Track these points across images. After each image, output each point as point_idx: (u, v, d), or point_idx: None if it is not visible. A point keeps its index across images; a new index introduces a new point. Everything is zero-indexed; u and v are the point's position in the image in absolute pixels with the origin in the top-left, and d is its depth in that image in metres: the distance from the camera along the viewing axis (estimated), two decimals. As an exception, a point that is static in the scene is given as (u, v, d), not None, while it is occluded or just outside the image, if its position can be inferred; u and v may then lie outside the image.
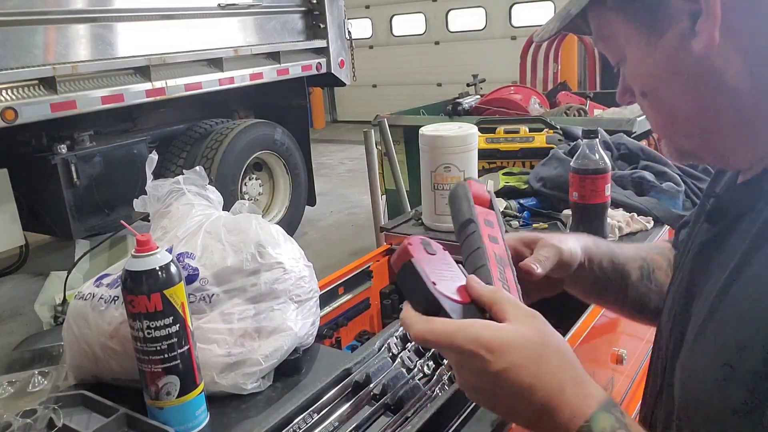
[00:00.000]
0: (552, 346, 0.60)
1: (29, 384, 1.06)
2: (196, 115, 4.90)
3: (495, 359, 0.57)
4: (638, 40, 0.61)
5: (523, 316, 0.61)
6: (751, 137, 0.60)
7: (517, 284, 0.75)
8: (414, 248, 0.67)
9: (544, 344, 0.60)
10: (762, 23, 0.55)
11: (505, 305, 0.62)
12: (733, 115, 0.59)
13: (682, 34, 0.57)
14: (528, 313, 0.62)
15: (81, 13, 3.75)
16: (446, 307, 0.63)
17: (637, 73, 0.64)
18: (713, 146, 0.63)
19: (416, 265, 0.64)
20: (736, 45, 0.56)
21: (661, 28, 0.59)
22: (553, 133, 2.17)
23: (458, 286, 0.67)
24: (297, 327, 1.04)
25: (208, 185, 1.18)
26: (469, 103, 3.76)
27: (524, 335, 0.59)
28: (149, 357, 0.88)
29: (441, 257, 0.69)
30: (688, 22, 0.57)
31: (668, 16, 0.58)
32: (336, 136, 10.14)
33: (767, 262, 0.53)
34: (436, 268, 0.67)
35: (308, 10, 5.14)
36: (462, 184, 0.84)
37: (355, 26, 6.15)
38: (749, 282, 0.54)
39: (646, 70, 0.62)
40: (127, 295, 0.87)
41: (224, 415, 0.97)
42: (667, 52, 0.59)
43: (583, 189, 1.48)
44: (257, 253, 1.04)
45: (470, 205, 0.80)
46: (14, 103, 3.31)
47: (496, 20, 9.27)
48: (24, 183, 3.86)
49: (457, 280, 0.68)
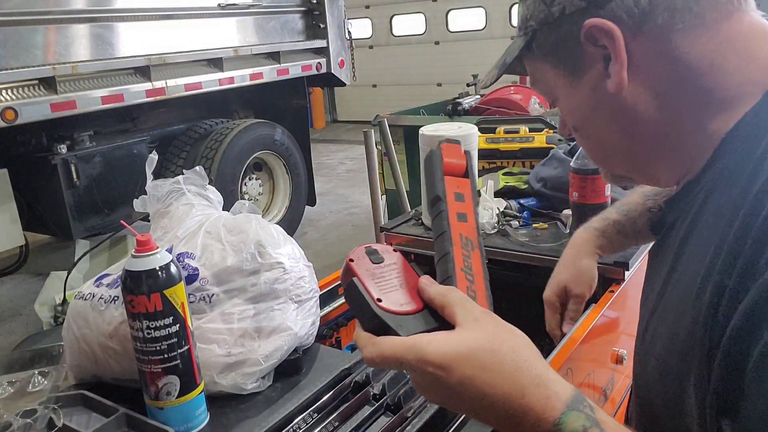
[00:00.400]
0: (504, 349, 0.57)
1: (29, 384, 1.06)
2: (196, 115, 4.90)
3: (447, 374, 0.56)
4: (564, 83, 0.68)
5: (473, 320, 0.59)
6: (671, 159, 0.66)
7: (485, 268, 0.72)
8: (356, 263, 0.64)
9: (495, 350, 0.57)
10: (666, 63, 0.61)
11: (455, 308, 0.60)
12: (651, 142, 0.66)
13: (598, 76, 0.64)
14: (477, 315, 0.59)
15: (81, 13, 3.75)
16: (392, 324, 0.60)
17: (567, 111, 0.72)
18: (642, 169, 0.71)
19: (358, 284, 0.62)
20: (644, 83, 0.63)
21: (580, 72, 0.66)
22: (553, 133, 2.18)
23: (410, 293, 0.64)
24: (297, 327, 1.04)
25: (208, 185, 1.18)
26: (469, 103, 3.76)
27: (473, 343, 0.57)
28: (149, 357, 0.88)
29: (389, 263, 0.66)
30: (602, 65, 0.63)
31: (584, 61, 0.65)
32: (336, 136, 10.14)
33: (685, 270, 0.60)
34: (383, 279, 0.64)
35: (308, 10, 5.14)
36: (432, 152, 0.77)
37: (355, 26, 6.14)
38: (675, 286, 0.62)
39: (574, 108, 0.70)
40: (127, 295, 0.87)
41: (224, 415, 0.97)
42: (587, 93, 0.66)
43: (584, 189, 1.48)
44: (257, 253, 1.04)
45: (439, 178, 0.75)
46: (14, 103, 3.31)
47: (496, 20, 9.28)
48: (24, 183, 3.86)
49: (407, 287, 0.64)
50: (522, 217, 1.72)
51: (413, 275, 0.66)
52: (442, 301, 0.61)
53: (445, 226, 0.71)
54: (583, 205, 1.49)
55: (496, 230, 1.66)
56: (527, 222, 1.71)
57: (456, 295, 0.62)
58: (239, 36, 4.69)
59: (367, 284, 0.62)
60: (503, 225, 1.66)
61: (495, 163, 2.14)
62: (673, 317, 0.59)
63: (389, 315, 0.61)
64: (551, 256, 1.48)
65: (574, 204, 1.52)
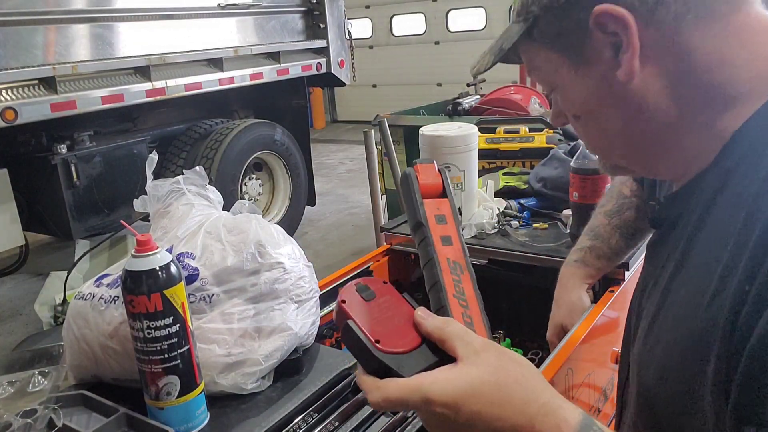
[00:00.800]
0: (510, 381, 0.57)
1: (29, 384, 1.06)
2: (196, 115, 4.90)
3: (455, 413, 0.55)
4: (567, 70, 0.66)
5: (474, 354, 0.58)
6: (675, 153, 0.65)
7: (476, 290, 0.70)
8: (349, 304, 0.62)
9: (501, 383, 0.56)
10: (677, 54, 0.60)
11: (454, 341, 0.59)
12: (657, 134, 0.64)
13: (606, 64, 0.62)
14: (477, 347, 0.58)
15: (81, 13, 3.75)
16: (393, 366, 0.59)
17: (568, 100, 0.69)
18: (642, 161, 0.70)
19: (354, 327, 0.60)
20: (655, 71, 0.61)
21: (586, 60, 0.64)
22: (553, 133, 2.18)
23: (406, 328, 0.63)
24: (297, 327, 1.04)
25: (208, 185, 1.18)
26: (469, 103, 3.76)
27: (477, 379, 0.56)
28: (149, 357, 0.88)
29: (381, 299, 0.65)
30: (611, 53, 0.62)
31: (593, 48, 0.63)
32: (336, 136, 10.14)
33: (694, 269, 0.59)
34: (378, 318, 0.62)
35: (308, 10, 5.14)
36: (406, 174, 0.75)
37: (355, 26, 6.14)
38: (683, 285, 0.60)
39: (577, 97, 0.68)
40: (127, 295, 0.87)
41: (224, 415, 0.97)
42: (593, 81, 0.65)
43: (584, 189, 1.48)
44: (257, 253, 1.04)
45: (418, 202, 0.73)
46: (14, 103, 3.31)
47: (496, 20, 9.27)
48: (24, 183, 3.86)
49: (403, 322, 0.63)
50: (522, 217, 1.72)
51: (407, 308, 0.65)
52: (440, 335, 0.60)
53: (431, 252, 0.70)
54: (583, 205, 1.49)
55: (496, 230, 1.66)
56: (527, 222, 1.71)
57: (454, 328, 0.60)
58: (239, 36, 4.69)
59: (362, 326, 0.61)
60: (503, 225, 1.66)
61: (495, 163, 2.14)
62: (683, 317, 0.58)
63: (389, 356, 0.60)
64: (551, 256, 1.48)
65: (574, 204, 1.52)
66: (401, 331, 0.62)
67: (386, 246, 1.73)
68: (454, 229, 0.73)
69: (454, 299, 0.67)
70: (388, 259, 1.69)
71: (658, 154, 0.67)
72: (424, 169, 0.76)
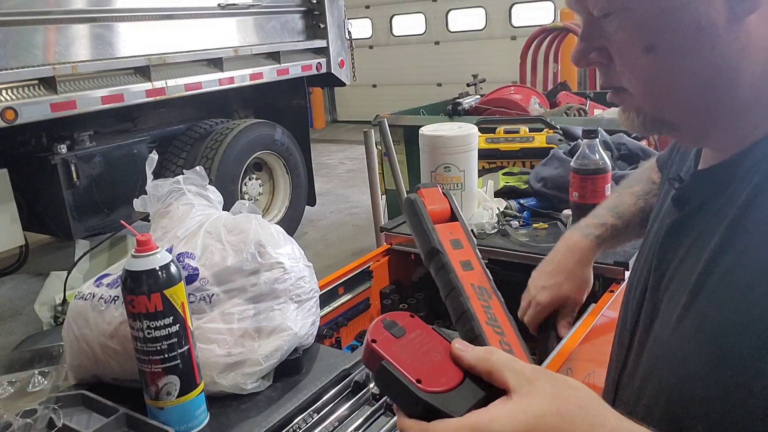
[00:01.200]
0: (571, 408, 0.52)
1: (29, 384, 1.06)
2: (196, 115, 4.90)
3: None
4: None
5: (527, 383, 0.53)
6: (738, 120, 0.60)
7: (508, 314, 0.66)
8: (380, 344, 0.57)
9: (562, 412, 0.52)
10: None
11: (504, 372, 0.54)
12: (734, 92, 0.58)
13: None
14: (529, 376, 0.53)
15: (81, 13, 3.74)
16: (441, 407, 0.54)
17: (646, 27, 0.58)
18: (697, 122, 0.62)
19: (391, 369, 0.55)
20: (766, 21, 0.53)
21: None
22: (553, 133, 2.18)
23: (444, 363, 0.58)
24: (297, 327, 1.04)
25: (208, 185, 1.18)
26: (469, 103, 3.76)
27: (537, 410, 0.52)
28: (149, 357, 0.88)
29: (411, 334, 0.59)
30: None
31: None
32: (336, 136, 10.13)
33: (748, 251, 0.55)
34: (413, 355, 0.57)
35: (308, 10, 5.14)
36: (412, 201, 0.70)
37: (355, 26, 6.14)
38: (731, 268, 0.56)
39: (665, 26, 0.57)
40: (127, 295, 0.87)
41: (224, 415, 0.97)
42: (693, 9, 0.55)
43: (584, 189, 1.48)
44: (257, 253, 1.04)
45: (430, 229, 0.68)
46: (14, 103, 3.31)
47: (496, 20, 9.27)
48: (24, 183, 3.86)
49: (440, 357, 0.58)
50: (522, 217, 1.72)
51: (441, 341, 0.60)
52: (485, 366, 0.55)
53: (455, 280, 0.65)
54: (583, 205, 1.49)
55: (496, 230, 1.66)
56: (527, 222, 1.71)
57: (499, 357, 0.55)
58: (239, 36, 4.69)
59: (400, 366, 0.55)
60: (503, 225, 1.66)
61: (495, 163, 2.14)
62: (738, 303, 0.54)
63: (435, 396, 0.54)
64: (551, 256, 1.48)
65: (574, 204, 1.52)
66: (441, 367, 0.57)
67: (386, 246, 1.73)
68: (471, 252, 0.69)
69: (488, 327, 0.63)
70: (388, 259, 1.69)
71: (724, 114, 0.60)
72: (429, 194, 0.72)
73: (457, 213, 0.72)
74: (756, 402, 0.51)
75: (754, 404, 0.52)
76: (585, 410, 0.52)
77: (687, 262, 0.62)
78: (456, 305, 0.64)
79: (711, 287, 0.58)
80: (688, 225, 0.64)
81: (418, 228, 0.69)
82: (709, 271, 0.58)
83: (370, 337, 0.57)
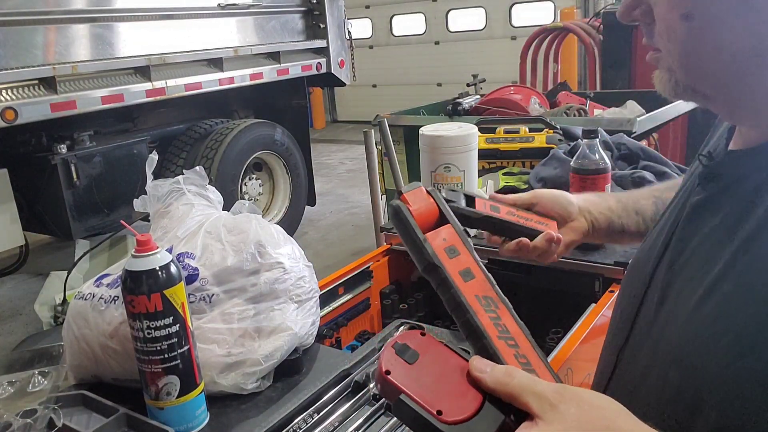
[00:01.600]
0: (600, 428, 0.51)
1: (29, 384, 1.06)
2: (196, 115, 4.90)
3: None
4: None
5: (550, 409, 0.51)
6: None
7: (519, 322, 0.63)
8: (395, 374, 0.54)
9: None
10: None
11: (526, 398, 0.52)
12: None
13: None
14: (552, 400, 0.51)
15: (81, 13, 3.74)
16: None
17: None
18: (730, 98, 0.61)
19: (409, 403, 0.52)
20: None
21: None
22: (553, 133, 2.18)
23: (462, 386, 0.55)
24: (297, 327, 1.04)
25: (208, 185, 1.18)
26: (469, 103, 3.75)
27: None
28: (149, 357, 0.88)
29: (425, 357, 0.57)
30: None
31: None
32: (336, 136, 10.13)
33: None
34: (430, 382, 0.55)
35: (308, 10, 5.14)
36: (396, 209, 0.65)
37: (355, 26, 6.14)
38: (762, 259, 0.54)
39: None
40: (127, 295, 0.87)
41: (224, 415, 0.97)
42: None
43: (584, 189, 1.47)
44: (257, 253, 1.04)
45: (421, 240, 0.64)
46: (14, 103, 3.31)
47: (496, 20, 9.27)
48: (24, 183, 3.86)
49: (456, 379, 0.56)
50: (522, 217, 1.72)
51: (456, 360, 0.57)
52: (506, 391, 0.53)
53: (457, 296, 0.62)
54: (583, 205, 1.49)
55: (496, 230, 1.66)
56: (527, 222, 1.71)
57: (520, 380, 0.53)
58: (239, 36, 4.69)
59: (418, 397, 0.53)
60: (503, 225, 1.66)
61: (495, 163, 2.14)
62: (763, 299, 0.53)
63: (457, 427, 0.52)
64: (551, 256, 1.48)
65: (574, 204, 1.52)
66: (459, 392, 0.54)
67: (386, 246, 1.73)
68: (469, 257, 0.65)
69: (501, 341, 0.60)
70: (388, 259, 1.69)
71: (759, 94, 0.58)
72: (414, 197, 0.67)
73: (446, 213, 0.68)
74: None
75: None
76: (613, 430, 0.51)
77: (710, 242, 0.60)
78: (463, 322, 0.62)
79: (736, 276, 0.56)
80: (716, 203, 0.62)
81: (409, 241, 0.65)
82: (735, 260, 0.56)
83: (384, 368, 0.55)
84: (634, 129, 2.72)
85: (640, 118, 2.79)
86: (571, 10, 7.55)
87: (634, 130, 2.71)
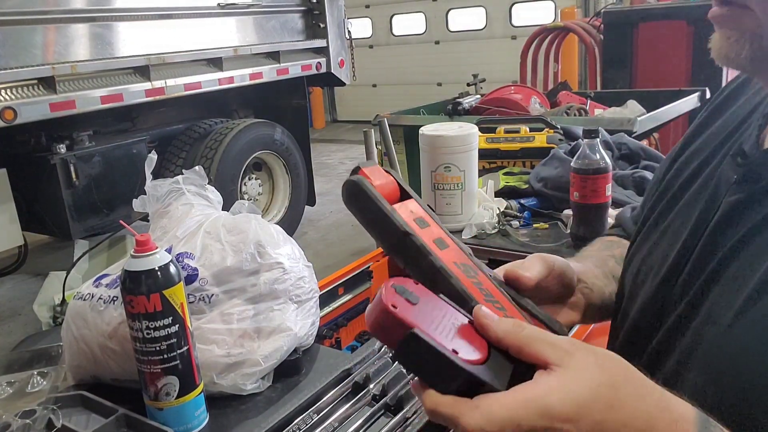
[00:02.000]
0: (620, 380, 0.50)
1: (28, 384, 1.05)
2: (196, 115, 4.89)
3: (576, 426, 0.47)
4: None
5: (567, 356, 0.49)
6: None
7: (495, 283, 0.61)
8: (401, 309, 0.49)
9: (614, 384, 0.49)
10: None
11: (538, 345, 0.50)
12: None
13: None
14: (569, 349, 0.50)
15: (80, 13, 3.74)
16: (487, 379, 0.48)
17: None
18: None
19: (425, 337, 0.47)
20: None
21: None
22: (554, 132, 2.17)
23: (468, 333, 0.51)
24: (297, 327, 1.04)
25: (208, 185, 1.18)
26: (469, 102, 3.75)
27: (591, 383, 0.48)
28: (148, 357, 0.88)
29: (425, 302, 0.52)
30: None
31: None
32: (336, 136, 10.13)
33: None
34: (436, 323, 0.50)
35: (308, 9, 5.14)
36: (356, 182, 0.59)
37: (355, 26, 6.14)
38: None
39: None
40: (126, 295, 0.87)
41: (224, 416, 0.97)
42: None
43: (584, 189, 1.48)
44: (257, 253, 1.03)
45: (390, 211, 0.59)
46: (13, 102, 3.30)
47: (496, 20, 9.27)
48: (23, 183, 3.86)
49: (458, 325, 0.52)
50: (522, 217, 1.72)
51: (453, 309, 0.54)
52: (516, 340, 0.51)
53: (437, 261, 0.58)
54: (584, 205, 1.49)
55: (497, 230, 1.66)
56: (528, 222, 1.71)
57: (530, 332, 0.51)
58: (239, 35, 4.68)
59: (433, 333, 0.48)
60: (503, 225, 1.66)
61: (495, 163, 2.14)
62: None
63: (478, 368, 0.48)
64: (552, 256, 1.48)
65: (574, 204, 1.52)
66: (466, 337, 0.51)
67: (386, 246, 1.73)
68: (439, 229, 0.62)
69: (488, 304, 0.57)
70: (388, 260, 1.69)
71: None
72: (373, 172, 0.62)
73: (407, 189, 0.64)
74: None
75: None
76: (631, 381, 0.50)
77: (754, 245, 0.58)
78: (445, 287, 0.57)
79: None
80: (754, 205, 0.59)
81: (375, 213, 0.59)
82: None
83: (389, 303, 0.48)
84: (634, 129, 2.72)
85: (640, 117, 2.79)
86: (572, 10, 7.55)
87: (635, 130, 2.71)
